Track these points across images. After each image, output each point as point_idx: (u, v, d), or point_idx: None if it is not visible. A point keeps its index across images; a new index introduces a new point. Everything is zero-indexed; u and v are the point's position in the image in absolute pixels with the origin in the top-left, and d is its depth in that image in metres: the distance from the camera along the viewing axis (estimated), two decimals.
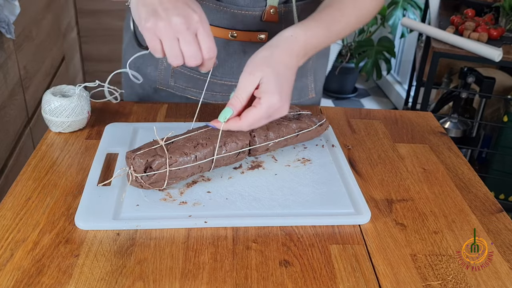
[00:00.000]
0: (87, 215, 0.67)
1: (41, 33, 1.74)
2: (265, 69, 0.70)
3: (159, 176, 0.69)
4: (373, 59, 2.88)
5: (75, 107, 0.83)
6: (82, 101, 0.84)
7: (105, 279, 0.58)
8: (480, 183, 0.82)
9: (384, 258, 0.65)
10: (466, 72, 1.94)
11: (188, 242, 0.65)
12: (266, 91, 0.70)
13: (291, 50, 0.73)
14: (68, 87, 0.87)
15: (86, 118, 0.86)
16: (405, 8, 2.78)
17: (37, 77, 1.69)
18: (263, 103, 0.70)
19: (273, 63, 0.71)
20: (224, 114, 0.71)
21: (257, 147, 0.78)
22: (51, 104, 0.83)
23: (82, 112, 0.84)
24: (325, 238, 0.67)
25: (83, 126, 0.87)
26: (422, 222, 0.71)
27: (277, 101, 0.71)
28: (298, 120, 0.83)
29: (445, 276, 0.62)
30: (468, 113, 2.12)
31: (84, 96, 0.85)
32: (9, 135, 1.45)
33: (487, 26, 1.83)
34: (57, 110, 0.82)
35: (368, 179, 0.80)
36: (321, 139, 0.88)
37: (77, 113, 0.83)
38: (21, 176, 0.75)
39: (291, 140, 0.82)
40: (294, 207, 0.71)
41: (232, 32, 0.89)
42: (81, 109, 0.84)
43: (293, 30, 0.75)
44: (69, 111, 0.82)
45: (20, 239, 0.64)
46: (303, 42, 0.75)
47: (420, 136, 0.95)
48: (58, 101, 0.82)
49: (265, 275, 0.60)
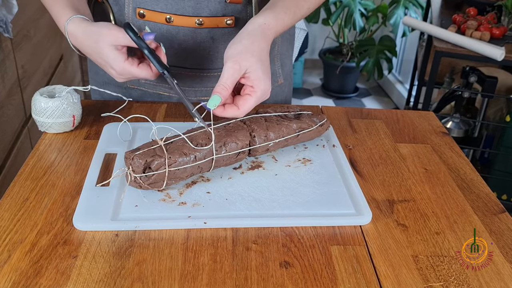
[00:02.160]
0: (86, 216, 0.66)
1: (39, 32, 1.73)
2: (250, 58, 0.72)
3: (158, 177, 0.69)
4: (374, 58, 2.87)
5: (56, 109, 0.82)
6: (65, 104, 0.83)
7: (104, 280, 0.58)
8: (482, 183, 0.81)
9: (385, 259, 0.64)
10: (468, 71, 1.93)
11: (187, 243, 0.64)
12: (258, 79, 0.73)
13: (266, 36, 0.77)
14: (62, 88, 0.86)
15: (71, 121, 0.85)
16: (407, 7, 2.78)
17: (35, 77, 1.69)
18: (258, 91, 0.73)
19: (256, 52, 0.73)
20: (213, 102, 0.71)
21: (257, 147, 0.77)
22: (36, 104, 0.83)
23: (63, 115, 0.83)
24: (326, 239, 0.66)
25: (70, 129, 0.86)
26: (424, 223, 0.71)
27: (268, 86, 0.74)
28: (298, 120, 0.83)
29: (447, 277, 0.62)
30: (470, 113, 2.11)
31: (71, 99, 0.84)
32: (6, 135, 1.45)
33: (489, 25, 1.82)
34: (42, 111, 0.82)
35: (369, 180, 0.80)
36: (322, 139, 0.88)
37: (58, 115, 0.83)
38: (19, 177, 0.75)
39: (292, 140, 0.81)
40: (294, 207, 0.71)
41: (199, 19, 0.88)
42: (62, 112, 0.83)
43: (265, 18, 0.77)
44: (49, 112, 0.82)
45: (17, 240, 0.63)
46: (274, 29, 0.78)
47: (421, 136, 0.94)
48: (43, 101, 0.83)
49: (265, 276, 0.60)
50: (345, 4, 2.87)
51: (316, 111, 0.97)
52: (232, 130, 0.76)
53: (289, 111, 0.85)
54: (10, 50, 1.47)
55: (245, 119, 0.79)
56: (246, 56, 0.72)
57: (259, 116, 0.81)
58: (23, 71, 1.57)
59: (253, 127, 0.78)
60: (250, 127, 0.78)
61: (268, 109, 0.83)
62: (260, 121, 0.79)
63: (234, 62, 0.72)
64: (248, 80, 0.73)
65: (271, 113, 0.82)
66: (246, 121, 0.79)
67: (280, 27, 0.79)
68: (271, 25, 0.77)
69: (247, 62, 0.72)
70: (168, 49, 0.89)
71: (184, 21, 0.88)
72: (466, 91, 1.93)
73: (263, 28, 0.76)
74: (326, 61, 3.14)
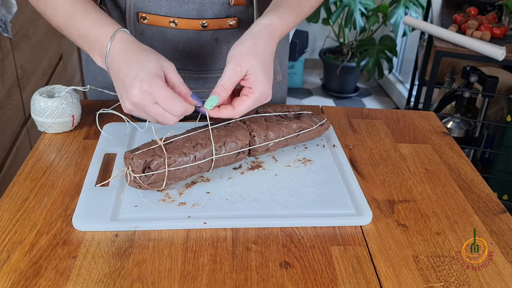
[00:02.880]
0: (85, 216, 0.66)
1: (38, 32, 1.73)
2: (251, 60, 0.72)
3: (158, 177, 0.69)
4: (375, 58, 2.87)
5: (55, 109, 0.82)
6: (64, 104, 0.83)
7: (103, 281, 0.58)
8: (483, 183, 0.81)
9: (385, 259, 0.64)
10: (469, 71, 1.93)
11: (187, 243, 0.64)
12: (256, 80, 0.72)
13: (271, 38, 0.76)
14: (61, 88, 0.86)
15: (70, 121, 0.84)
16: (407, 6, 2.77)
17: (34, 77, 1.68)
18: (255, 92, 0.72)
19: (258, 53, 0.73)
20: (211, 102, 0.71)
21: (257, 147, 0.77)
22: (35, 104, 0.83)
23: (63, 115, 0.83)
24: (326, 239, 0.66)
25: (69, 128, 0.86)
26: (424, 223, 0.71)
27: (267, 89, 0.73)
28: (298, 120, 0.82)
29: (448, 277, 0.62)
30: (471, 113, 2.11)
31: (71, 99, 0.84)
32: (6, 135, 1.44)
33: (490, 25, 1.82)
34: (41, 110, 0.82)
35: (369, 180, 0.79)
36: (322, 139, 0.87)
37: (57, 115, 0.82)
38: (18, 177, 0.75)
39: (292, 140, 0.81)
40: (294, 208, 0.70)
41: (203, 22, 0.88)
42: (61, 112, 0.83)
43: (269, 18, 0.77)
44: (48, 112, 0.82)
45: (17, 240, 0.63)
46: (279, 29, 0.78)
47: (422, 136, 0.94)
48: (42, 101, 0.82)
49: (265, 277, 0.60)
50: (345, 3, 2.86)
51: (316, 111, 0.96)
52: (232, 130, 0.76)
53: (289, 111, 0.84)
54: (9, 50, 1.46)
55: (245, 119, 0.79)
56: (248, 57, 0.72)
57: (259, 116, 0.80)
58: (22, 71, 1.57)
59: (253, 127, 0.77)
60: (250, 127, 0.77)
61: (268, 108, 0.83)
62: (260, 121, 0.79)
63: (235, 64, 0.71)
64: (247, 81, 0.72)
65: (271, 113, 0.82)
66: (246, 121, 0.79)
67: (285, 27, 0.79)
68: (277, 26, 0.77)
69: (248, 63, 0.71)
70: (172, 52, 0.90)
71: (189, 24, 0.88)
72: (467, 91, 1.93)
73: (268, 30, 0.76)
74: (326, 60, 3.14)
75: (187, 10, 0.87)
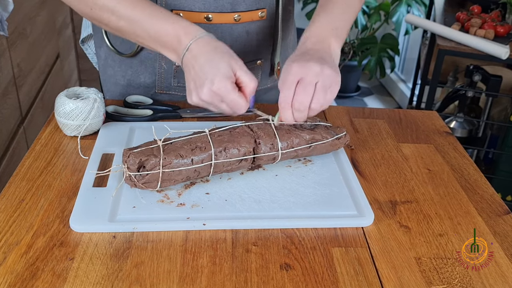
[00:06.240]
0: (82, 217, 0.65)
1: (35, 30, 1.71)
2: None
3: (152, 177, 0.68)
4: (377, 57, 2.86)
5: (91, 109, 0.81)
6: (97, 103, 0.82)
7: (101, 283, 0.57)
8: (486, 184, 0.80)
9: (387, 261, 0.63)
10: (472, 70, 1.92)
11: (186, 245, 0.63)
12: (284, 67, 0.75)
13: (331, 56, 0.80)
14: (81, 89, 0.85)
15: (102, 120, 0.84)
16: (410, 5, 2.76)
17: (31, 76, 1.67)
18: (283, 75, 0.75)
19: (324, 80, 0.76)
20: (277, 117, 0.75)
21: (262, 156, 0.74)
22: (65, 107, 0.80)
23: (98, 114, 0.82)
24: (327, 240, 0.65)
25: (98, 128, 0.85)
26: (427, 224, 0.70)
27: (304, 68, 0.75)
28: (312, 131, 0.77)
29: (451, 279, 0.61)
30: (474, 112, 2.10)
31: (99, 97, 0.83)
32: (2, 135, 1.43)
33: (493, 23, 1.81)
34: (73, 113, 0.80)
35: (371, 180, 0.79)
36: None
37: (93, 115, 0.81)
38: (15, 177, 0.74)
39: (303, 151, 0.77)
40: (295, 209, 0.70)
41: (237, 15, 0.91)
42: (97, 111, 0.82)
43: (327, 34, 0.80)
44: (85, 114, 0.81)
45: (13, 242, 0.62)
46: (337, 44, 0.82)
47: (424, 136, 0.93)
48: (73, 103, 0.80)
49: (266, 279, 0.59)
50: None
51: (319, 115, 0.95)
52: (236, 135, 0.73)
53: (307, 121, 0.79)
54: (5, 48, 1.45)
55: (252, 125, 0.76)
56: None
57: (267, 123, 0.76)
58: (18, 69, 1.56)
59: (259, 134, 0.74)
60: (256, 134, 0.74)
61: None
62: (268, 128, 0.75)
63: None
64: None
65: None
66: (253, 127, 0.75)
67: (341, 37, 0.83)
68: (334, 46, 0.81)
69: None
70: None
71: (223, 18, 0.90)
72: (470, 90, 1.91)
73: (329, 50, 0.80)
74: None
75: (222, 4, 0.89)
